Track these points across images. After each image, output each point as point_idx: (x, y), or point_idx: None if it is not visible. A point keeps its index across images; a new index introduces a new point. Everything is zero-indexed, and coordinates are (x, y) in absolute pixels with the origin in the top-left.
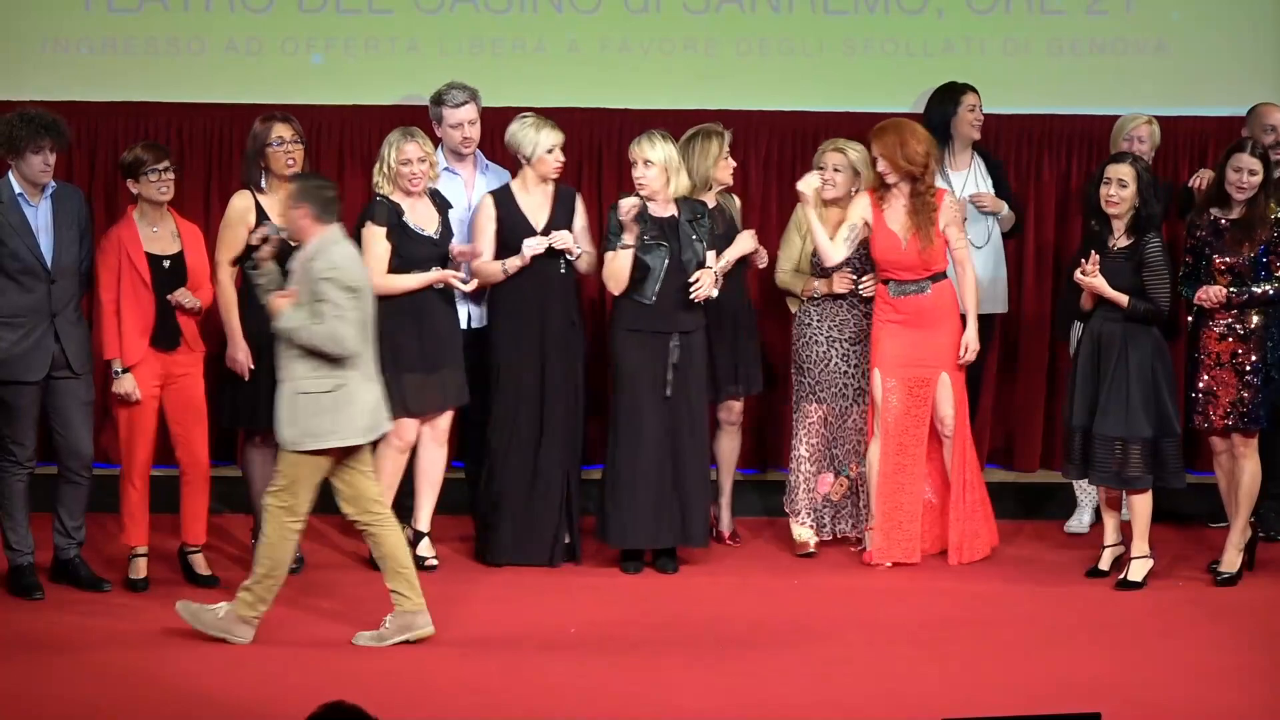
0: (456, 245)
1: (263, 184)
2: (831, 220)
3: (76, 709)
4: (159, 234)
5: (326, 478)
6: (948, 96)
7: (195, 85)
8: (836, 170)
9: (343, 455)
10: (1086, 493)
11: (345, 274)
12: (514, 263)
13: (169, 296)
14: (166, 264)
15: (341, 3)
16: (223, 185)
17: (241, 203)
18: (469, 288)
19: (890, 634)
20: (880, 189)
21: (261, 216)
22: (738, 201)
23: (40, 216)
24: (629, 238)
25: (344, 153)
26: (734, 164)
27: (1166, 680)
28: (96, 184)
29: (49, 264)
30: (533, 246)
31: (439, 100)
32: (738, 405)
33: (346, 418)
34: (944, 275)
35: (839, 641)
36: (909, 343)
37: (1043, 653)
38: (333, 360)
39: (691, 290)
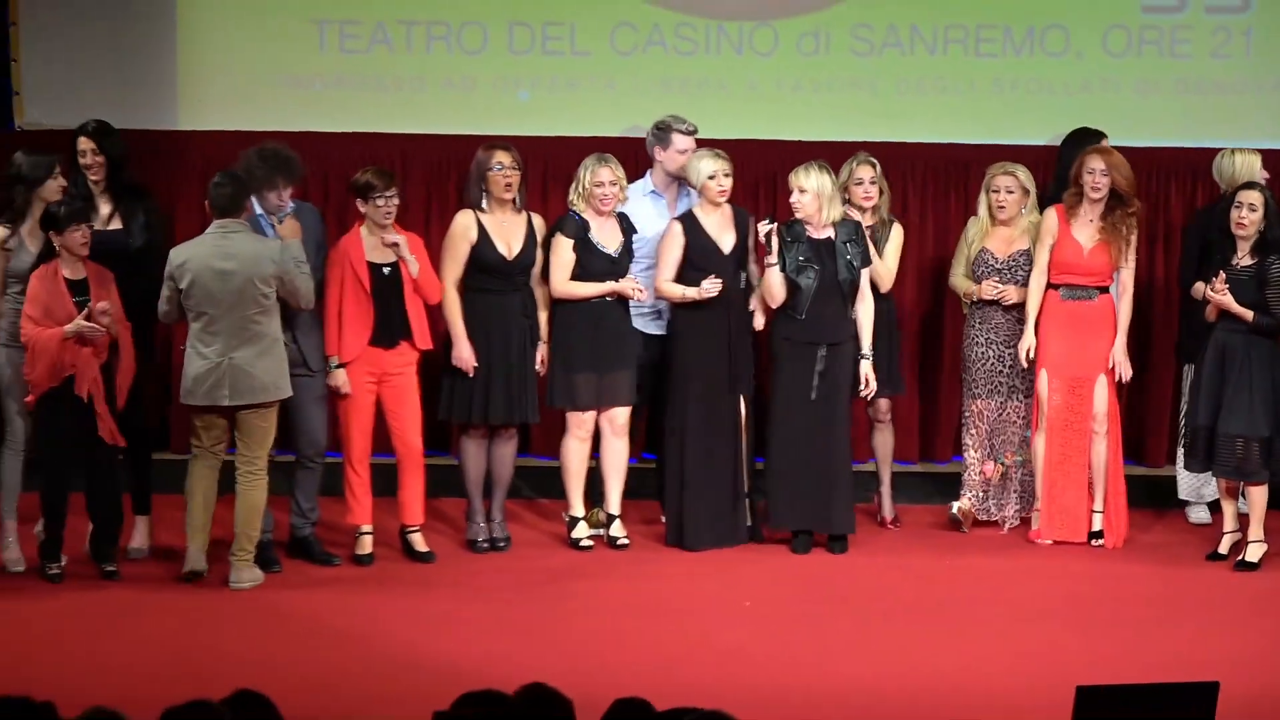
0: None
1: (483, 204)
2: (1002, 238)
3: (302, 669)
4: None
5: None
6: (1082, 141)
7: (416, 118)
8: (1009, 192)
9: (221, 412)
10: (1201, 486)
11: (170, 262)
12: (692, 293)
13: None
14: (386, 270)
15: (547, 45)
16: (441, 207)
17: (464, 220)
18: (643, 296)
19: (1031, 609)
20: (1072, 205)
21: (483, 233)
22: (894, 227)
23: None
24: (771, 256)
25: (548, 180)
26: (870, 191)
27: None
28: (329, 206)
29: None
30: (707, 289)
31: (668, 127)
32: (884, 404)
33: (184, 377)
34: (1108, 290)
35: (985, 615)
36: (1072, 346)
37: (1167, 628)
38: (189, 329)
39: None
